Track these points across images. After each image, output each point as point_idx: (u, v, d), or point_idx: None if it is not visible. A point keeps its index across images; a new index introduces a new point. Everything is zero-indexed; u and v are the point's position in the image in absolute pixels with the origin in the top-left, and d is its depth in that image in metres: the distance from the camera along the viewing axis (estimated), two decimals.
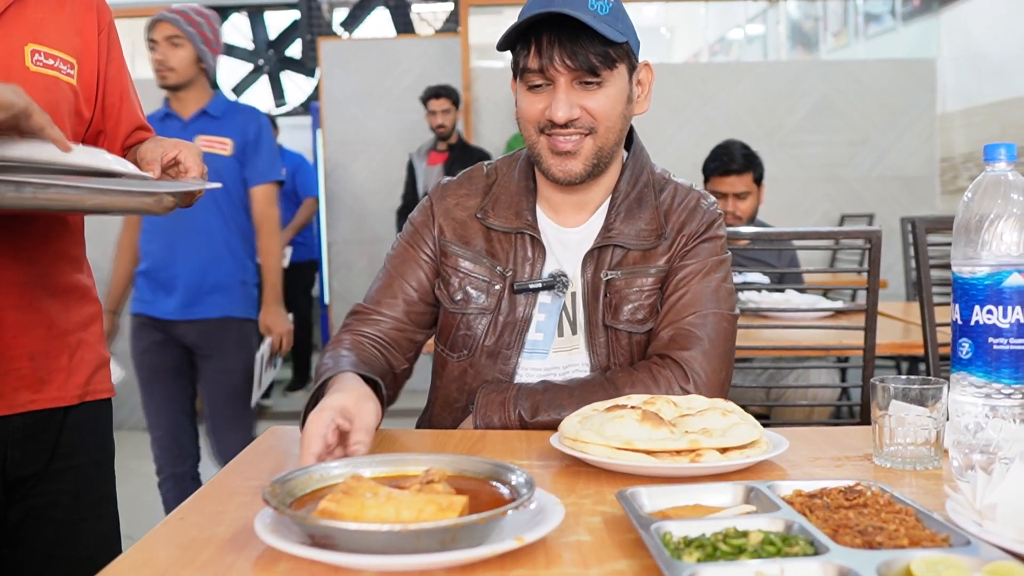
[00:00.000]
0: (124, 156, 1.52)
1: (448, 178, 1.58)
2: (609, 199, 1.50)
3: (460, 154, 5.40)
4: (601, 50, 1.35)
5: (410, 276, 1.51)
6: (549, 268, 1.49)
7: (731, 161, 3.24)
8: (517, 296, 1.47)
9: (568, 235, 1.50)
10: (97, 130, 1.51)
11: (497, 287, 1.48)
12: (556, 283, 1.47)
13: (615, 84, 1.40)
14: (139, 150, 1.39)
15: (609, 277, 1.46)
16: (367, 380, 1.29)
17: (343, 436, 1.13)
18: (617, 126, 1.42)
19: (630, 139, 1.55)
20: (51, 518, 1.43)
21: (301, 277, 6.11)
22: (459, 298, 1.49)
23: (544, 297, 1.48)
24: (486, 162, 1.59)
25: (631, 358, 1.46)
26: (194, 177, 1.35)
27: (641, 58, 1.47)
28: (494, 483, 0.98)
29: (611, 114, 1.40)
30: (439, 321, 1.52)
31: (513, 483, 0.96)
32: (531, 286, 1.46)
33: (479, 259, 1.49)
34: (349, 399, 1.17)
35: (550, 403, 1.37)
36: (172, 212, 1.26)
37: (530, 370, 1.48)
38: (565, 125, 1.39)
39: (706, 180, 3.33)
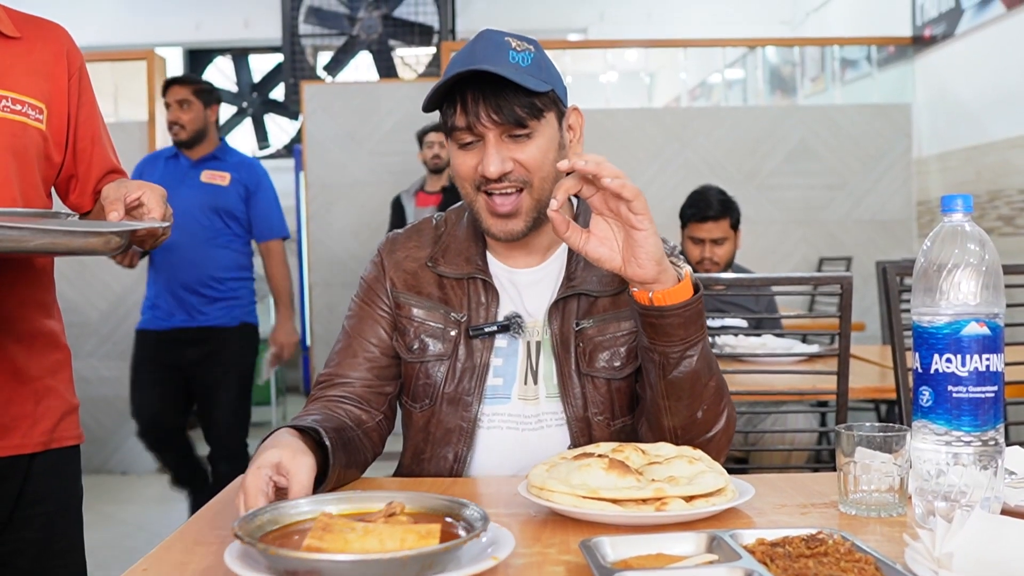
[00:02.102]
0: (95, 199, 1.53)
1: (398, 231, 1.59)
2: (565, 245, 1.49)
3: (454, 197, 5.36)
4: (527, 102, 1.36)
5: (369, 334, 1.51)
6: (504, 311, 1.49)
7: (707, 208, 3.26)
8: (473, 341, 1.47)
9: (520, 276, 1.51)
10: (69, 174, 1.52)
11: (452, 333, 1.47)
12: (511, 325, 1.47)
13: (544, 134, 1.40)
14: (103, 191, 1.39)
15: (582, 326, 1.46)
16: (310, 432, 1.27)
17: (280, 492, 1.14)
18: (551, 175, 1.41)
19: None
20: (16, 567, 1.42)
21: (239, 349, 3.82)
22: (416, 347, 1.49)
23: (500, 341, 1.48)
24: (435, 214, 1.60)
25: (611, 407, 1.46)
26: (153, 219, 1.35)
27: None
28: (448, 519, 1.03)
29: (543, 164, 1.40)
30: (402, 374, 1.52)
31: (467, 517, 1.02)
32: (487, 329, 1.46)
33: (433, 307, 1.49)
34: (285, 455, 1.16)
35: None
36: (121, 251, 1.27)
37: (492, 416, 1.47)
38: (500, 180, 1.39)
39: (683, 226, 3.35)
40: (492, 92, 1.35)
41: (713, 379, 1.35)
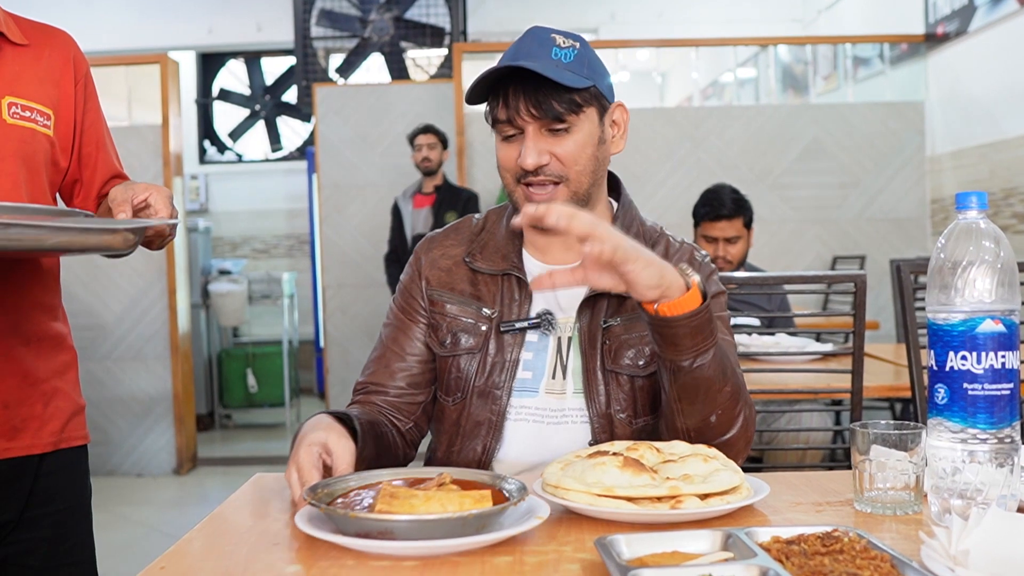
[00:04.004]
0: (99, 203, 1.55)
1: (436, 230, 1.63)
2: None
3: (447, 195, 5.38)
4: (566, 97, 1.39)
5: (404, 343, 1.54)
6: (536, 308, 1.51)
7: (721, 206, 3.26)
8: (504, 336, 1.49)
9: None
10: (73, 179, 1.54)
11: (484, 328, 1.50)
12: (542, 322, 1.49)
13: (583, 128, 1.43)
14: (110, 193, 1.41)
15: (608, 324, 1.48)
16: (343, 419, 1.34)
17: (327, 471, 1.23)
18: (589, 168, 1.44)
19: (618, 188, 1.58)
20: (27, 565, 1.44)
21: None
22: (448, 342, 1.52)
23: (531, 336, 1.51)
24: (476, 214, 1.63)
25: (633, 404, 1.47)
26: (162, 218, 1.37)
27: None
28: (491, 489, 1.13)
29: (580, 158, 1.43)
30: (436, 369, 1.55)
31: (506, 488, 1.13)
32: (517, 325, 1.49)
33: (465, 302, 1.52)
34: (332, 436, 1.26)
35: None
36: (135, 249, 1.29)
37: (520, 408, 1.49)
38: (536, 172, 1.42)
39: (696, 225, 3.35)
40: (532, 87, 1.39)
41: (728, 384, 1.35)
